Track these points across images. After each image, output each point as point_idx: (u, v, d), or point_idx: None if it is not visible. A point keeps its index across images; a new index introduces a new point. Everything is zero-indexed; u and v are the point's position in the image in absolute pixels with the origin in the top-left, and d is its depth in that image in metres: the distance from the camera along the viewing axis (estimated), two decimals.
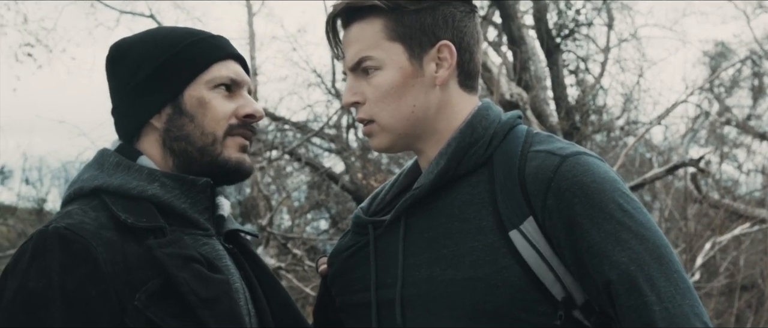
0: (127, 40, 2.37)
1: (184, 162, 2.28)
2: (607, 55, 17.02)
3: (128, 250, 2.11)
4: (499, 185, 2.14)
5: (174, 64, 2.28)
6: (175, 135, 2.27)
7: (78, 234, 2.07)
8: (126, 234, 2.13)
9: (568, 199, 2.04)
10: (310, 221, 17.73)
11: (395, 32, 2.21)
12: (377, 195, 2.41)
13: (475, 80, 2.31)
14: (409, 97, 2.21)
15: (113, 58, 2.36)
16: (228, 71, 2.31)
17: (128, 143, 2.32)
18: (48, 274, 2.03)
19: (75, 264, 2.04)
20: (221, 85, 2.30)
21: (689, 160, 7.82)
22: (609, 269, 2.00)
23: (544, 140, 2.20)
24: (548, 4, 13.51)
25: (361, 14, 2.24)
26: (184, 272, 2.09)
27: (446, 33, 2.22)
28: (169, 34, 2.34)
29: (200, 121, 2.26)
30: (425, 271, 2.15)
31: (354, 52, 2.24)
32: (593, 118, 13.80)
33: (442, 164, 2.19)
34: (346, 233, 2.40)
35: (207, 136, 2.27)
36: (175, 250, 2.12)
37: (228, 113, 2.29)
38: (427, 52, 2.22)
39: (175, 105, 2.27)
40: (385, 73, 2.21)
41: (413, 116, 2.22)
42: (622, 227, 2.02)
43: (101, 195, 2.21)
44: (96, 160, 2.31)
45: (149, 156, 2.29)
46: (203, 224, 2.28)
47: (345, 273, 2.34)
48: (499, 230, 2.10)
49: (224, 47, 2.36)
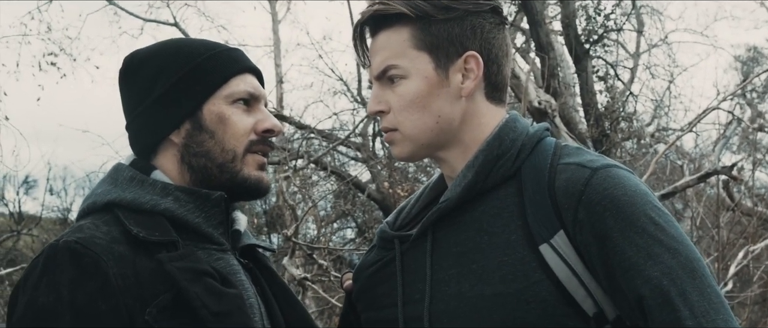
0: (141, 52, 2.34)
1: (203, 178, 2.26)
2: (637, 60, 16.92)
3: (139, 264, 2.08)
4: (529, 198, 2.10)
5: (192, 78, 2.25)
6: (195, 151, 2.25)
7: (88, 248, 2.05)
8: (138, 248, 2.11)
9: (600, 212, 2.00)
10: (336, 230, 17.73)
11: (422, 41, 2.17)
12: (403, 209, 2.37)
13: (503, 92, 2.27)
14: (434, 108, 2.18)
15: (127, 70, 2.33)
16: (246, 85, 2.29)
17: (144, 158, 2.30)
18: (58, 288, 2.01)
19: (85, 278, 2.02)
20: (240, 100, 2.28)
21: (721, 167, 7.67)
22: (641, 283, 1.96)
23: (573, 153, 2.15)
24: (577, 10, 13.39)
25: (388, 22, 2.20)
26: (195, 285, 2.06)
27: (474, 44, 2.19)
28: (185, 47, 2.31)
29: (220, 138, 2.25)
30: (454, 286, 2.11)
31: (380, 60, 2.21)
32: (623, 126, 13.68)
33: (469, 176, 2.15)
34: (372, 248, 2.37)
35: (227, 153, 2.25)
36: (186, 264, 2.09)
37: (248, 129, 2.27)
38: (453, 62, 2.18)
39: (194, 120, 2.25)
40: (411, 83, 2.18)
41: (437, 127, 2.19)
42: (654, 240, 1.98)
43: (114, 209, 2.19)
44: (110, 175, 2.29)
45: (165, 171, 2.27)
46: (217, 238, 2.25)
47: (371, 289, 2.30)
48: (529, 244, 2.05)
49: (241, 61, 2.33)
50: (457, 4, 2.17)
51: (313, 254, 8.19)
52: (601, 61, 14.54)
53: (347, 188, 14.81)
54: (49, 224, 23.43)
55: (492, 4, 2.22)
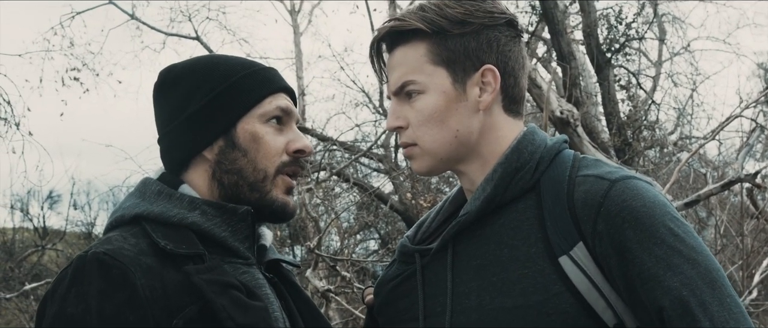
0: (177, 67, 2.36)
1: (232, 195, 2.28)
2: (659, 69, 16.85)
3: (167, 276, 2.10)
4: (548, 210, 2.10)
5: (228, 96, 2.28)
6: (227, 168, 2.27)
7: (117, 260, 2.06)
8: (165, 260, 2.12)
9: (619, 224, 2.00)
10: (358, 242, 17.73)
11: (439, 56, 2.18)
12: (423, 223, 2.38)
13: (520, 105, 2.28)
14: (452, 122, 2.18)
15: (163, 85, 2.36)
16: (280, 104, 2.31)
17: (175, 173, 2.32)
18: (86, 299, 2.03)
19: (113, 290, 2.04)
20: (273, 119, 2.30)
21: (745, 175, 7.61)
22: (661, 294, 1.96)
23: (591, 164, 2.16)
24: (598, 19, 13.36)
25: (405, 38, 2.21)
26: (222, 298, 2.08)
27: (490, 57, 2.19)
28: (221, 64, 2.33)
29: (253, 157, 2.27)
30: (474, 299, 2.11)
31: (397, 76, 2.22)
32: (645, 134, 13.62)
33: (488, 190, 2.16)
34: (392, 263, 2.37)
35: (259, 173, 2.27)
36: (213, 276, 2.11)
37: (280, 149, 2.29)
38: (470, 76, 2.19)
39: (227, 138, 2.27)
40: (428, 98, 2.18)
41: (456, 141, 2.19)
42: (674, 251, 1.98)
43: (142, 222, 2.21)
44: (138, 189, 2.31)
45: (194, 186, 2.29)
46: (243, 252, 2.26)
47: (392, 303, 2.30)
48: (549, 256, 2.06)
49: (276, 80, 2.35)
50: (473, 18, 2.18)
51: (336, 266, 8.18)
52: (622, 70, 14.48)
53: (370, 200, 14.81)
54: (73, 238, 23.55)
55: (507, 17, 2.22)
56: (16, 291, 14.01)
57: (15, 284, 18.08)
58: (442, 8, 2.18)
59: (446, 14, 2.17)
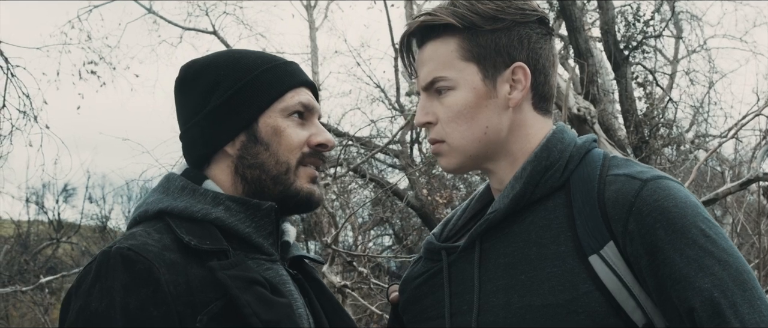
0: (198, 63, 2.36)
1: (256, 189, 2.28)
2: (676, 67, 16.78)
3: (191, 272, 2.10)
4: (578, 209, 2.09)
5: (249, 90, 2.27)
6: (250, 163, 2.27)
7: (141, 255, 2.06)
8: (189, 256, 2.12)
9: (650, 224, 1.99)
10: (373, 237, 17.72)
11: (470, 52, 2.17)
12: (449, 221, 2.37)
13: (550, 103, 2.27)
14: (482, 119, 2.17)
15: (184, 80, 2.35)
16: (301, 99, 2.31)
17: (197, 168, 2.33)
18: (110, 294, 2.03)
19: (137, 285, 2.04)
20: (295, 113, 2.30)
21: (764, 174, 7.58)
22: (692, 295, 1.95)
23: (622, 164, 2.15)
24: (616, 16, 13.31)
25: (435, 33, 2.20)
26: (246, 294, 2.07)
27: (521, 54, 2.18)
28: (242, 59, 2.33)
29: (275, 150, 2.27)
30: (502, 297, 2.10)
31: (427, 71, 2.20)
32: (662, 132, 13.57)
33: (517, 188, 2.14)
34: (418, 260, 2.36)
35: (281, 165, 2.27)
36: (238, 272, 2.11)
37: (302, 142, 2.29)
38: (501, 73, 2.17)
39: (249, 132, 2.28)
40: (458, 94, 2.17)
41: (485, 138, 2.18)
42: (705, 252, 1.97)
43: (166, 218, 2.21)
44: (161, 185, 2.31)
45: (217, 181, 2.29)
46: (267, 248, 2.26)
47: (418, 300, 2.29)
48: (579, 255, 2.04)
49: (297, 74, 2.35)
50: (505, 14, 2.17)
51: (352, 261, 8.17)
52: (640, 67, 14.44)
53: (385, 196, 14.81)
54: (87, 231, 23.62)
55: (539, 14, 2.21)
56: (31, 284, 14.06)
57: (30, 277, 18.15)
58: (473, 4, 2.17)
59: (478, 10, 2.16)
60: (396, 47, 15.31)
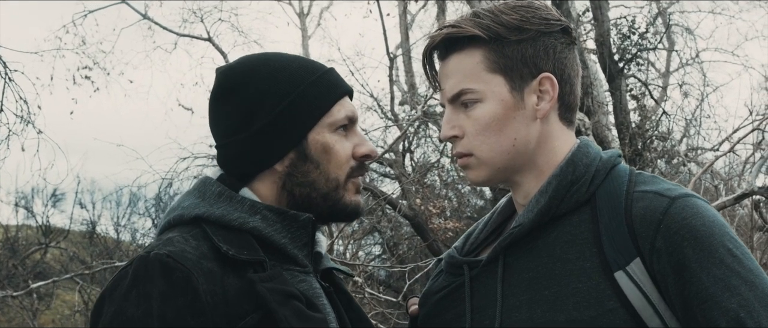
0: (235, 71, 2.30)
1: (302, 204, 2.26)
2: (668, 79, 16.81)
3: (227, 282, 2.07)
4: (604, 225, 2.07)
5: (297, 108, 2.23)
6: (300, 181, 2.25)
7: (180, 263, 2.04)
8: (226, 265, 2.10)
9: (678, 242, 1.98)
10: (362, 246, 17.69)
11: (496, 64, 2.15)
12: (470, 235, 2.35)
13: (574, 113, 2.25)
14: (510, 131, 2.15)
15: (222, 90, 2.30)
16: (346, 111, 2.29)
17: (240, 181, 2.28)
18: (148, 301, 2.00)
19: (175, 293, 2.01)
20: (341, 127, 2.27)
21: (758, 188, 7.59)
22: (718, 315, 1.94)
23: (648, 181, 2.13)
24: (611, 28, 13.34)
25: (460, 45, 2.18)
26: (284, 308, 2.05)
27: (548, 64, 2.16)
28: (284, 70, 2.27)
29: (325, 168, 2.25)
30: (525, 312, 2.08)
31: (453, 83, 2.18)
32: (656, 144, 13.59)
33: (542, 202, 2.13)
34: (439, 274, 2.34)
35: (331, 182, 2.25)
36: (276, 285, 2.08)
37: (349, 156, 2.27)
38: (528, 84, 2.16)
39: (299, 150, 2.24)
40: (486, 106, 2.15)
41: (514, 150, 2.16)
42: (732, 272, 1.96)
43: (202, 224, 2.18)
44: (197, 189, 2.28)
45: (259, 194, 2.26)
46: (302, 260, 2.24)
47: (438, 315, 2.27)
48: (604, 271, 2.03)
49: (340, 84, 2.32)
50: (529, 25, 2.15)
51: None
52: (634, 79, 14.46)
53: (377, 205, 14.78)
54: (76, 237, 23.53)
55: (563, 24, 2.20)
56: (21, 289, 14.00)
57: (19, 282, 18.08)
58: (497, 15, 2.16)
59: (502, 21, 2.15)
60: (390, 56, 15.29)
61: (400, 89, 17.28)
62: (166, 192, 15.66)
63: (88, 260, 18.80)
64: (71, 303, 19.07)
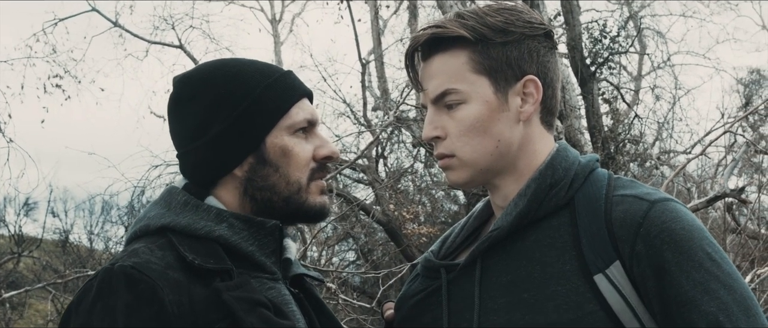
0: (193, 79, 2.28)
1: (264, 209, 2.24)
2: (640, 83, 16.90)
3: (194, 291, 2.05)
4: (584, 228, 2.07)
5: (253, 112, 2.22)
6: (260, 185, 2.23)
7: (144, 274, 2.02)
8: (192, 275, 2.08)
9: (658, 245, 1.99)
10: (336, 252, 17.68)
11: (481, 65, 2.14)
12: (447, 238, 2.34)
13: (554, 117, 2.25)
14: (494, 132, 2.15)
15: (179, 99, 2.28)
16: (305, 114, 2.27)
17: (201, 187, 2.26)
18: (113, 314, 1.98)
19: (140, 305, 1.99)
20: (300, 129, 2.25)
21: (730, 190, 7.63)
22: (698, 318, 1.95)
23: (628, 185, 2.14)
24: (582, 32, 13.38)
25: (445, 46, 2.16)
26: (251, 316, 2.03)
27: (532, 67, 2.16)
28: (240, 76, 2.25)
29: (285, 171, 2.23)
30: (503, 316, 2.07)
31: (437, 84, 2.17)
32: (628, 148, 13.64)
33: (521, 205, 2.12)
34: (415, 278, 2.32)
35: (292, 185, 2.23)
36: (242, 293, 2.06)
37: (309, 157, 2.25)
38: (512, 86, 2.15)
39: (257, 154, 2.22)
40: (470, 107, 2.14)
41: (497, 151, 2.15)
42: (711, 276, 1.98)
43: (168, 234, 2.16)
44: (163, 198, 2.26)
45: (222, 200, 2.24)
46: (270, 267, 2.22)
47: (414, 318, 2.25)
48: (584, 274, 2.02)
49: (297, 86, 2.30)
50: (514, 27, 2.15)
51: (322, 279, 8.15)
52: (606, 83, 14.52)
53: (350, 211, 14.77)
54: (49, 246, 23.38)
55: (546, 28, 2.20)
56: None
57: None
58: (482, 17, 2.15)
59: (487, 22, 2.14)
60: (362, 62, 15.28)
61: (372, 95, 17.26)
62: (139, 200, 15.58)
63: (61, 269, 18.68)
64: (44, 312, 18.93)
